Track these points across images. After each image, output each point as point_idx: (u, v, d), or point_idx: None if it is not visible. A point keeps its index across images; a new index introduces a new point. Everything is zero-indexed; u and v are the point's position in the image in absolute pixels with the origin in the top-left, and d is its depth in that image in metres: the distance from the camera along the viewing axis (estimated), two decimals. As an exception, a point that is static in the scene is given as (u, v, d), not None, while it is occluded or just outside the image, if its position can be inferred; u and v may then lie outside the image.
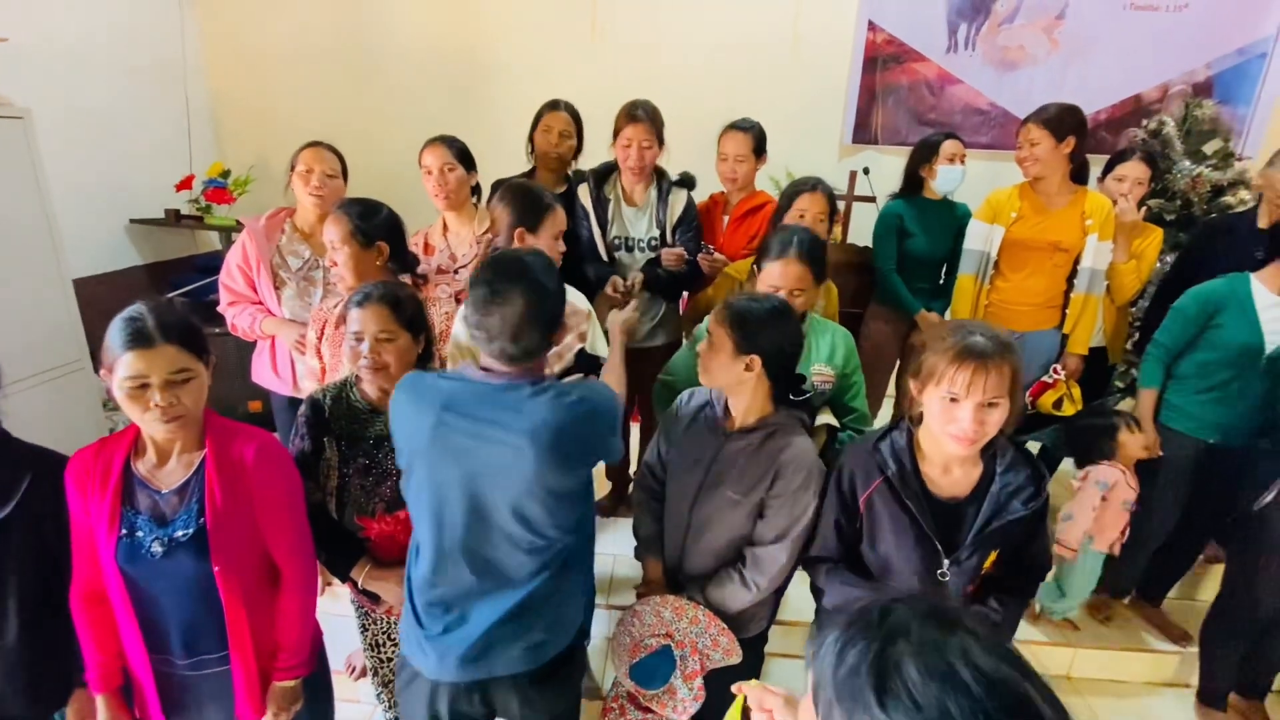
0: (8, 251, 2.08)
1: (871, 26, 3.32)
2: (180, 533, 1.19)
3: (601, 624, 2.20)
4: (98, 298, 2.51)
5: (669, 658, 1.20)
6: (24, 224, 2.15)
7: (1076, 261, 2.27)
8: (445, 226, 2.09)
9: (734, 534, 1.38)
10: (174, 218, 3.11)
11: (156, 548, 1.18)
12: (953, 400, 1.14)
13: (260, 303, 2.02)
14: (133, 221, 3.09)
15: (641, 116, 2.16)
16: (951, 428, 1.15)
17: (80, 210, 2.72)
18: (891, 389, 2.86)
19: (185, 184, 3.13)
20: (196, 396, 1.17)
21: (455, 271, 2.00)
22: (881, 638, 0.52)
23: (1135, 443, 2.06)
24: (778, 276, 1.57)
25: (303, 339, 1.82)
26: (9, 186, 2.10)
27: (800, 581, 1.47)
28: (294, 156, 2.01)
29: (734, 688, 0.86)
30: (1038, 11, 3.30)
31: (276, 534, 1.26)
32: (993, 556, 1.25)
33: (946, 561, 1.23)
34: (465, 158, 2.04)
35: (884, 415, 2.87)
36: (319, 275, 2.03)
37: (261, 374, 2.10)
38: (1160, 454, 2.06)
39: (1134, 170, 2.31)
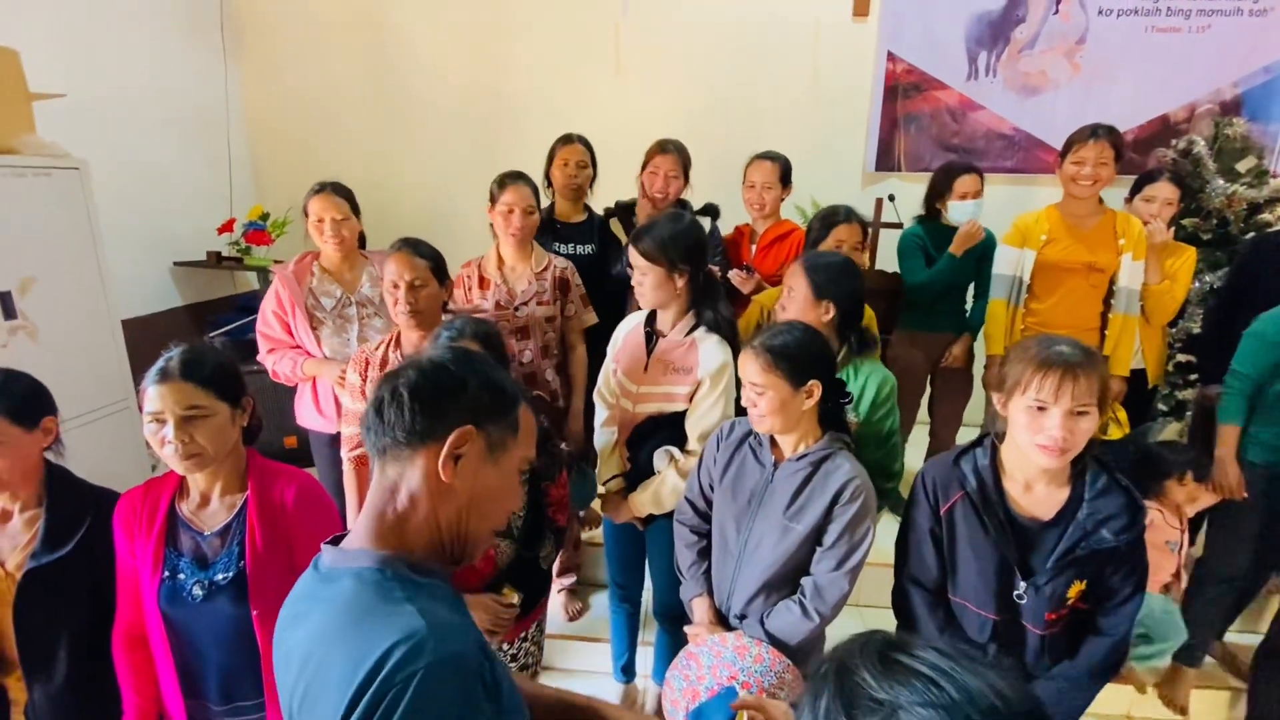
0: (63, 295, 2.17)
1: (891, 57, 3.36)
2: (220, 576, 1.19)
3: (643, 664, 2.16)
4: (142, 338, 2.60)
5: (731, 701, 1.16)
6: (78, 268, 2.24)
7: (1112, 282, 2.24)
8: (500, 260, 2.10)
9: (786, 562, 1.35)
10: (215, 260, 3.21)
11: (197, 590, 1.19)
12: (1040, 408, 1.12)
13: (298, 346, 2.05)
14: (176, 264, 3.21)
15: (670, 149, 2.28)
16: (1039, 437, 1.12)
17: (127, 254, 2.83)
18: (924, 415, 2.83)
19: (226, 227, 3.24)
20: (213, 436, 1.16)
21: (515, 309, 2.04)
22: (837, 670, 0.54)
23: (1182, 495, 1.97)
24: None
25: (344, 375, 1.86)
26: (66, 233, 2.20)
27: (847, 614, 1.43)
28: (305, 202, 2.04)
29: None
30: (1058, 38, 3.31)
31: None
32: (1078, 586, 1.20)
33: (1023, 584, 1.19)
34: (538, 198, 2.09)
35: (915, 441, 2.83)
36: (353, 312, 2.07)
37: (304, 415, 2.13)
38: (1244, 495, 1.93)
39: (1163, 191, 2.28)
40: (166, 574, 1.21)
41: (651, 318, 1.73)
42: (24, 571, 1.22)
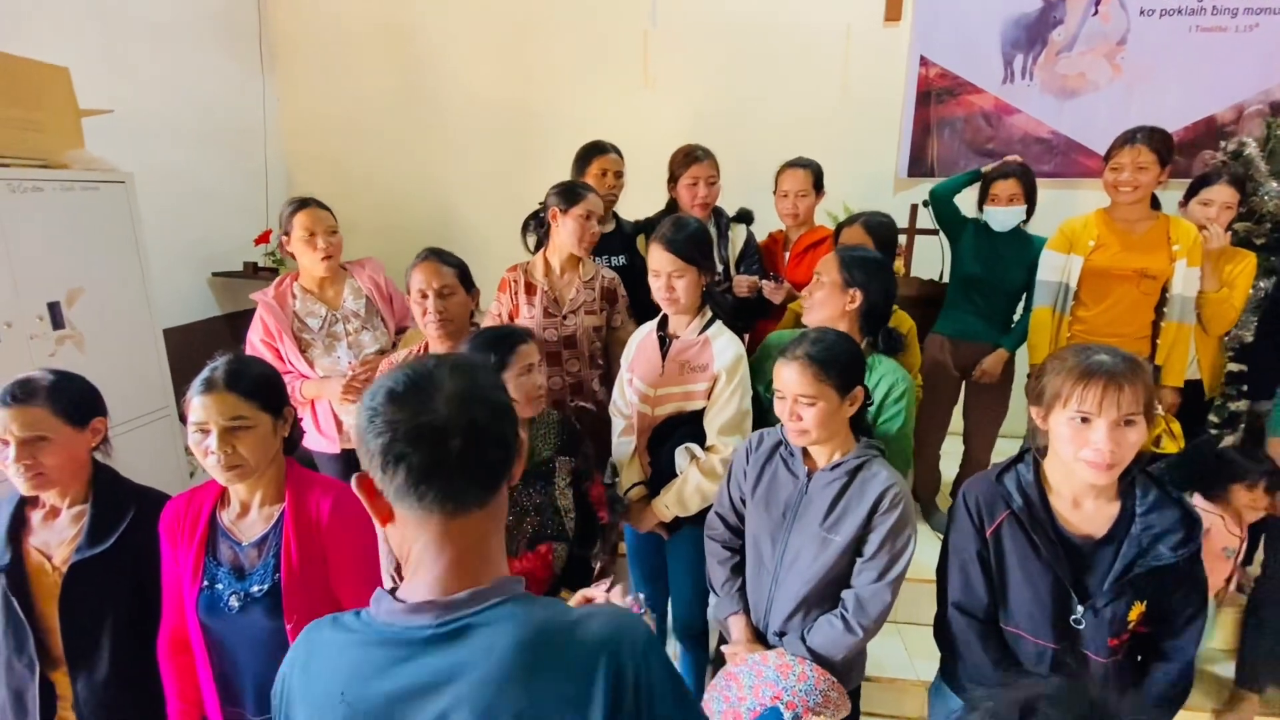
0: (108, 305, 2.23)
1: (924, 62, 3.30)
2: (256, 588, 1.20)
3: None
4: (182, 347, 2.65)
5: None
6: (123, 279, 2.30)
7: (1164, 289, 2.15)
8: (547, 267, 2.07)
9: (826, 575, 1.30)
10: (252, 270, 3.28)
11: (234, 601, 1.19)
12: (1084, 421, 1.06)
13: (289, 372, 2.04)
14: (214, 275, 3.28)
15: (703, 155, 2.25)
16: (1085, 452, 1.06)
17: (168, 265, 2.90)
18: (956, 423, 2.74)
19: (263, 238, 3.31)
20: (255, 448, 1.16)
21: (564, 317, 2.02)
22: None
23: (1244, 501, 1.90)
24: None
25: (352, 385, 1.85)
26: (112, 245, 2.26)
27: (887, 633, 1.38)
28: (287, 219, 2.02)
29: None
30: (1097, 39, 3.23)
31: (349, 589, 1.24)
32: (1139, 608, 1.13)
33: (1080, 608, 1.13)
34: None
35: (949, 448, 2.75)
36: (340, 329, 2.07)
37: (306, 438, 2.09)
38: None
39: (1221, 194, 2.19)
40: (205, 583, 1.22)
41: (662, 322, 1.72)
42: (69, 565, 1.24)
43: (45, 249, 2.04)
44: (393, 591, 0.70)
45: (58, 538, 1.29)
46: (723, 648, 1.47)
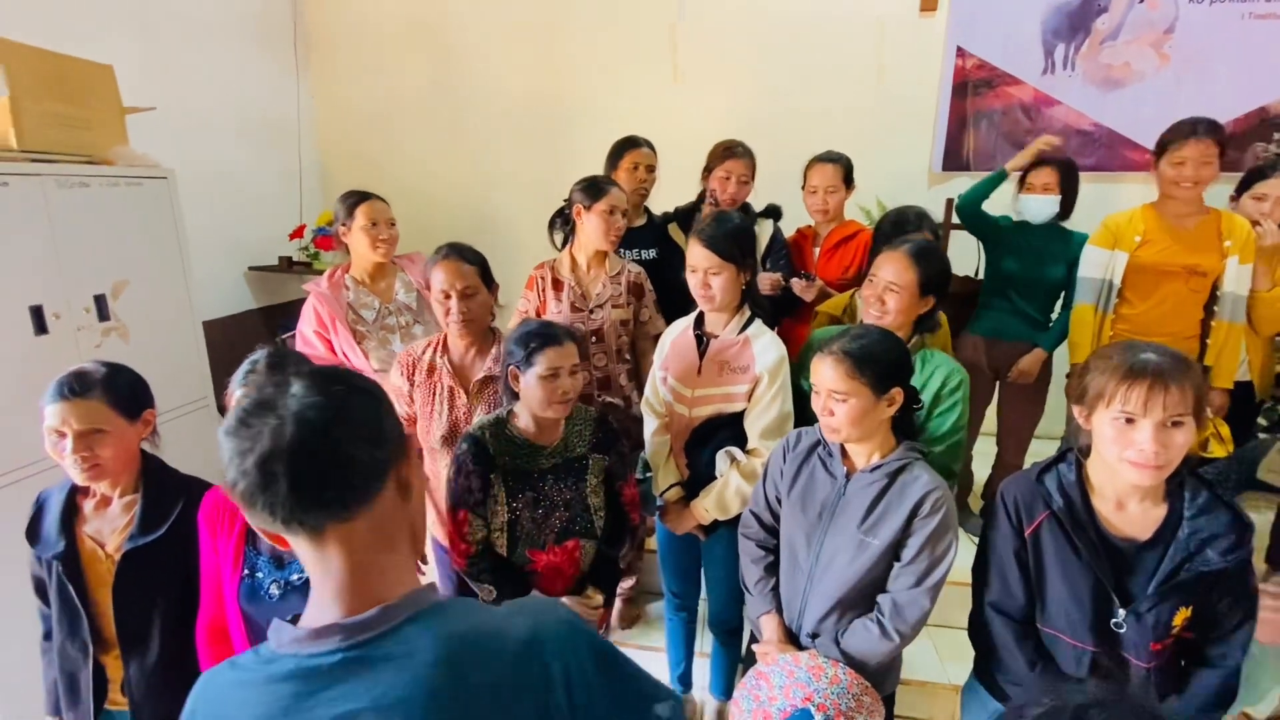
0: (151, 298, 2.28)
1: (961, 53, 3.22)
2: (295, 576, 1.22)
3: (701, 674, 2.12)
4: (219, 340, 2.71)
5: None
6: (165, 272, 2.35)
7: (1214, 287, 2.08)
8: (573, 263, 2.07)
9: (862, 578, 1.28)
10: (286, 264, 3.34)
11: (274, 590, 1.22)
12: (1128, 421, 1.03)
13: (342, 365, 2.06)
14: (250, 269, 3.35)
15: (742, 153, 2.23)
16: (1130, 453, 1.03)
17: (206, 258, 2.96)
18: (990, 424, 2.69)
19: (297, 233, 3.37)
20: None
21: (591, 311, 2.02)
22: None
23: None
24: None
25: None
26: (155, 240, 2.32)
27: (918, 635, 1.36)
28: (348, 210, 2.03)
29: None
30: (1144, 27, 3.11)
31: None
32: (1184, 613, 1.10)
33: (1123, 612, 1.10)
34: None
35: (980, 448, 2.70)
36: (393, 322, 2.08)
37: None
38: None
39: (1276, 188, 2.10)
40: (246, 572, 1.24)
41: (699, 320, 1.70)
42: (122, 553, 1.28)
43: (91, 243, 2.09)
44: (294, 620, 0.65)
45: (110, 526, 1.32)
46: (754, 646, 1.46)
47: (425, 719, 0.60)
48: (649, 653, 2.28)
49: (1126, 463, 1.04)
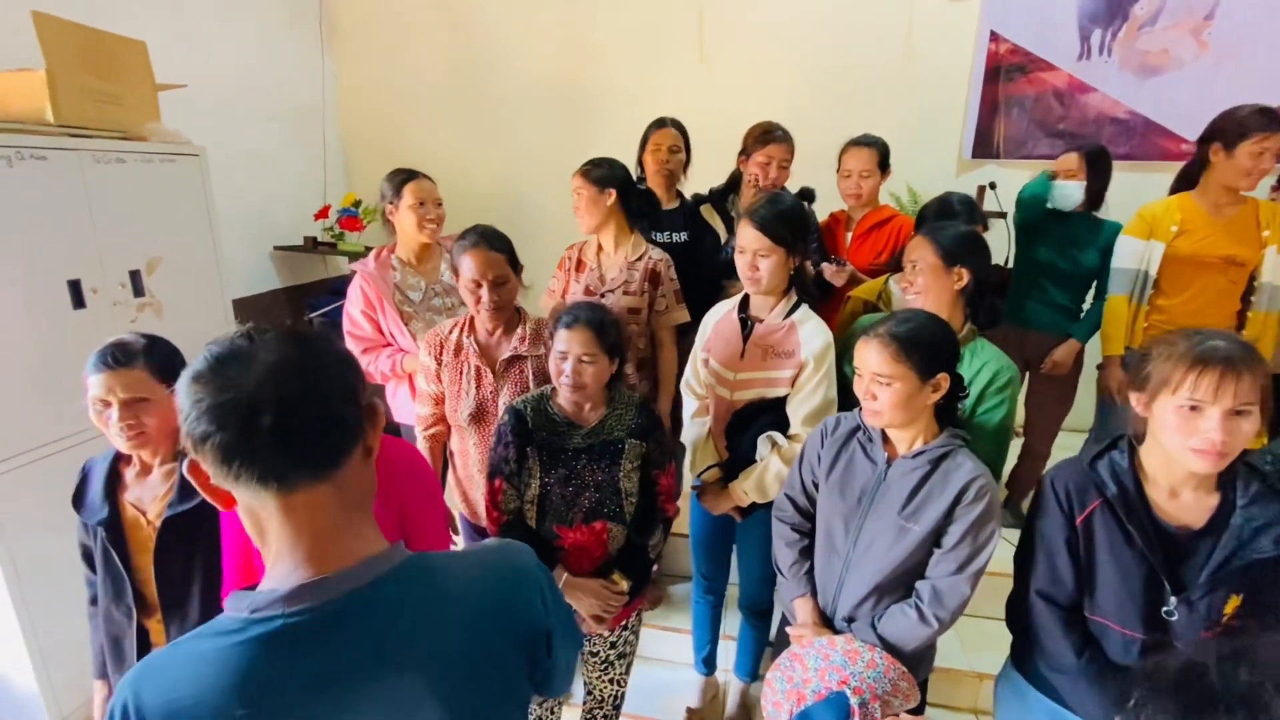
0: (183, 274, 2.31)
1: (994, 37, 3.16)
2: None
3: (723, 657, 2.13)
4: (246, 318, 2.72)
5: (841, 706, 1.11)
6: (197, 250, 2.38)
7: (1252, 278, 2.04)
8: (599, 246, 2.08)
9: (901, 564, 1.28)
10: (311, 244, 3.36)
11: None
12: (1194, 409, 1.02)
13: (390, 344, 2.03)
14: (276, 248, 3.36)
15: (781, 137, 2.21)
16: (1194, 440, 1.03)
17: (234, 237, 2.98)
18: (1019, 417, 2.65)
19: (322, 214, 3.38)
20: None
21: (602, 295, 2.02)
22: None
23: None
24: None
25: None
26: (187, 217, 2.34)
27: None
28: (395, 189, 2.01)
29: None
30: (1183, 12, 3.04)
31: (424, 537, 1.25)
32: (1234, 601, 1.10)
33: (1174, 600, 1.10)
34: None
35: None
36: (439, 303, 2.08)
37: (400, 410, 2.09)
38: None
39: (1321, 178, 2.06)
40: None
41: (744, 303, 1.69)
42: (162, 520, 1.30)
43: (126, 219, 2.11)
44: (250, 589, 0.63)
45: (151, 494, 1.35)
46: (787, 629, 1.47)
47: (431, 660, 0.63)
48: (672, 634, 2.29)
49: (1190, 451, 1.03)
